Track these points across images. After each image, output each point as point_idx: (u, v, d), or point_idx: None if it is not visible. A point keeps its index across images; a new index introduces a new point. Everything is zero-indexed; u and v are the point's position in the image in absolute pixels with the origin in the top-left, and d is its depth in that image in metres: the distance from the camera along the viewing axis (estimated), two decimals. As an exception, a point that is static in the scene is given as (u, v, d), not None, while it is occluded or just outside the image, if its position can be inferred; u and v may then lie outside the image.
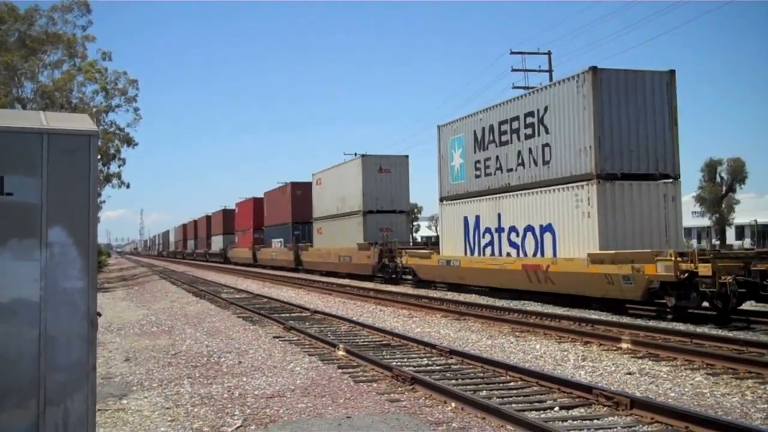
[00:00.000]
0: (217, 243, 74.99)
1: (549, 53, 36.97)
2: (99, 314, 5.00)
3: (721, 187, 59.47)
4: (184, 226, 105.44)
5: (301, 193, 45.53)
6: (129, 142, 41.89)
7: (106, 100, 39.66)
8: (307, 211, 43.32)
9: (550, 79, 35.47)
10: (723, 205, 58.95)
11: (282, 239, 48.57)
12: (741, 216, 61.78)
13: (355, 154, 45.21)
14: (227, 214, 71.10)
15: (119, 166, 42.88)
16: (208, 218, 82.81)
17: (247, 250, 58.25)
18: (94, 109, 37.95)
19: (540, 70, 36.77)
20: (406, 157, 35.91)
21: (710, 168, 59.56)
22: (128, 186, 44.05)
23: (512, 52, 36.97)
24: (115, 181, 43.10)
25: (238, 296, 25.36)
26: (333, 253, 36.86)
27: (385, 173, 34.80)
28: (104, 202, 54.61)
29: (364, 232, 33.94)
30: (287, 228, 47.22)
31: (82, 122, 5.18)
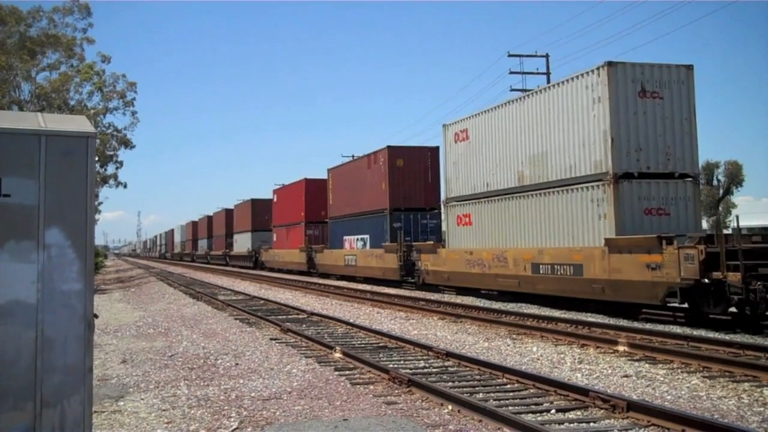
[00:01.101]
0: (243, 243, 59.78)
1: (547, 56, 37.05)
2: (96, 316, 5.00)
3: (719, 190, 59.83)
4: (194, 223, 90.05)
5: (404, 164, 31.06)
6: (126, 143, 41.88)
7: (103, 101, 39.69)
8: (420, 190, 30.56)
9: (548, 81, 35.51)
10: (720, 208, 59.10)
11: (367, 236, 33.10)
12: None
13: (353, 156, 44.49)
14: (258, 206, 56.64)
15: (117, 168, 42.92)
16: (228, 212, 68.12)
17: (296, 253, 42.98)
18: (92, 111, 37.93)
19: (538, 73, 36.85)
20: (689, 67, 18.03)
21: (707, 171, 59.80)
22: (125, 186, 44.07)
23: (510, 55, 37.04)
24: (112, 181, 43.10)
25: (235, 298, 25.34)
26: (513, 259, 20.38)
27: (651, 99, 17.71)
28: (101, 203, 54.48)
29: (617, 217, 17.10)
30: (379, 219, 31.73)
31: (79, 124, 5.19)
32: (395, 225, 30.68)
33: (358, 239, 34.24)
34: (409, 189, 31.00)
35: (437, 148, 30.51)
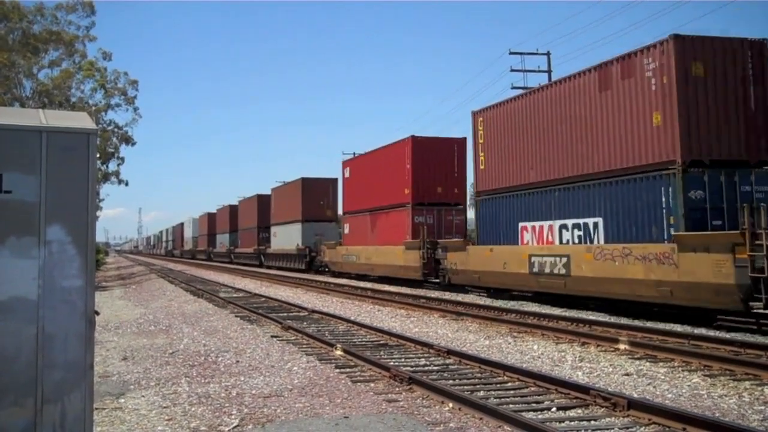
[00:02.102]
0: (288, 237, 45.26)
1: (548, 53, 37.02)
2: (97, 313, 5.00)
3: None
4: (211, 215, 77.95)
5: (705, 71, 15.59)
6: (127, 140, 41.92)
7: (105, 98, 39.70)
8: (739, 126, 15.75)
9: (549, 79, 35.56)
10: None
11: (596, 221, 17.92)
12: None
13: (354, 154, 43.83)
14: (312, 187, 43.20)
15: (118, 165, 42.97)
16: (261, 199, 54.88)
17: (398, 252, 28.15)
18: (93, 108, 37.94)
19: (539, 71, 36.81)
20: None
21: None
22: (126, 183, 44.14)
23: (511, 53, 36.98)
24: (113, 178, 43.14)
25: (235, 295, 25.34)
26: None
27: None
28: (103, 200, 54.46)
29: None
30: (644, 186, 16.42)
31: (81, 120, 5.18)
32: (694, 194, 15.45)
33: (566, 226, 18.87)
34: (720, 124, 15.70)
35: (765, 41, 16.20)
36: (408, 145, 28.81)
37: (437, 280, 26.21)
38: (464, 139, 28.35)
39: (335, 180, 41.65)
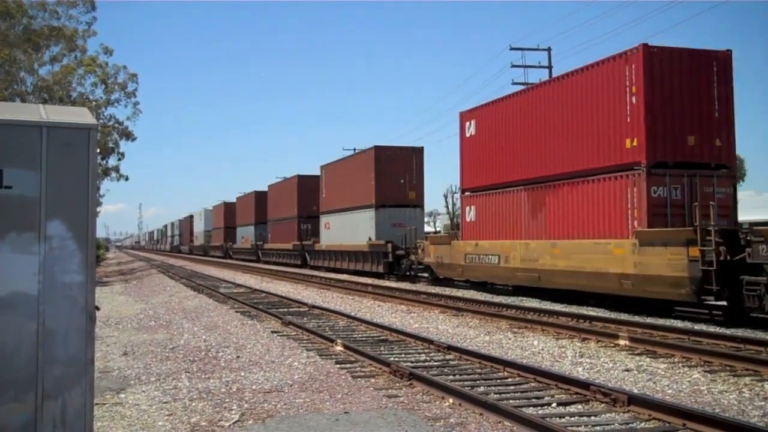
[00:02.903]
0: (349, 229, 34.27)
1: (549, 49, 36.93)
2: (97, 308, 5.00)
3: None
4: (229, 205, 66.52)
5: None
6: (128, 135, 41.87)
7: (105, 94, 39.64)
8: None
9: (550, 75, 35.57)
10: None
11: None
12: (740, 214, 60.41)
13: (354, 149, 43.37)
14: (389, 159, 31.97)
15: (118, 160, 42.95)
16: (301, 181, 43.18)
17: (621, 251, 15.96)
18: (94, 103, 37.91)
19: (540, 66, 36.74)
20: None
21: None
22: (127, 179, 44.09)
23: (512, 48, 36.90)
24: (113, 174, 43.11)
25: (236, 291, 25.36)
26: None
27: None
28: (103, 196, 54.37)
29: None
30: None
31: (81, 116, 5.17)
32: None
33: None
34: None
35: None
36: (636, 62, 16.31)
37: (722, 303, 14.61)
38: (728, 54, 16.71)
39: (420, 150, 32.10)
